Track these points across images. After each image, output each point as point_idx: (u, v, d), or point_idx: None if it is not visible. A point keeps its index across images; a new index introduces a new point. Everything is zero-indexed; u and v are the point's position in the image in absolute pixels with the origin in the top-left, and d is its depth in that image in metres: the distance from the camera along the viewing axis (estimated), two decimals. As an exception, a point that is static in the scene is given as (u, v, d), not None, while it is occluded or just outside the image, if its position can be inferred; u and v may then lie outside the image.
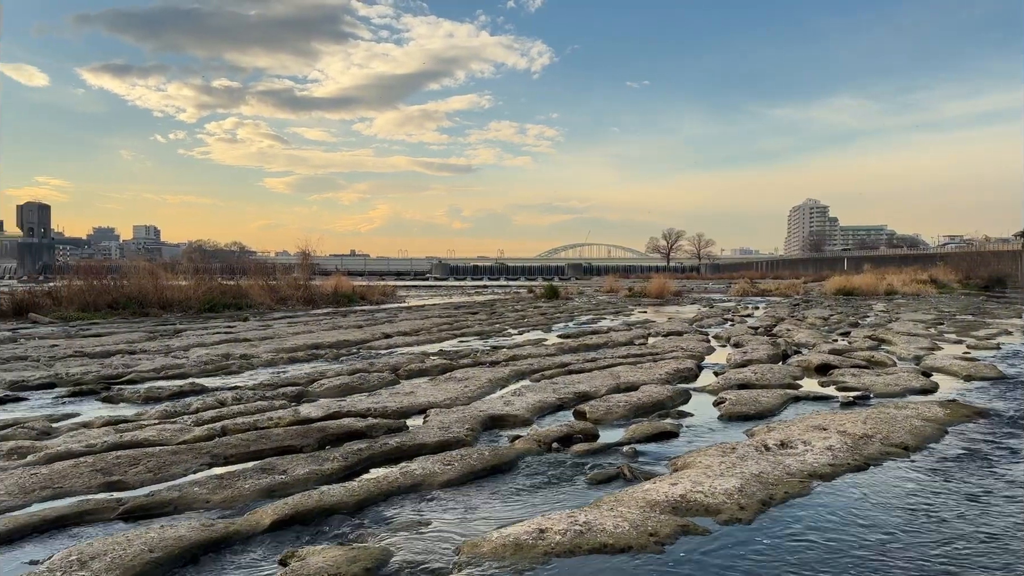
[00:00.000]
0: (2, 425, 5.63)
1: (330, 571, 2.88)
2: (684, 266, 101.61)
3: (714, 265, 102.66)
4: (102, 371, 8.39)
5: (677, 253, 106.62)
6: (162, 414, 5.96)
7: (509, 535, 3.25)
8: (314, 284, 26.15)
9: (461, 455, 4.61)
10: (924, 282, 33.65)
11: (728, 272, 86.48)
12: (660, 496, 3.82)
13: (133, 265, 23.48)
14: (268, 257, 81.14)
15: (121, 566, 2.90)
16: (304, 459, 4.56)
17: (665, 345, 11.00)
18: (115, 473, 4.24)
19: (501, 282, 69.91)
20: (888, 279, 32.78)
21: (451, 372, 8.25)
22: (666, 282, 30.97)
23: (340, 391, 7.16)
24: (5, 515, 3.60)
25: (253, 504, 3.83)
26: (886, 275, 35.18)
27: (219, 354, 10.02)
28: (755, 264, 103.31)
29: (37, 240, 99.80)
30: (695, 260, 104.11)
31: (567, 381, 7.51)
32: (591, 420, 5.84)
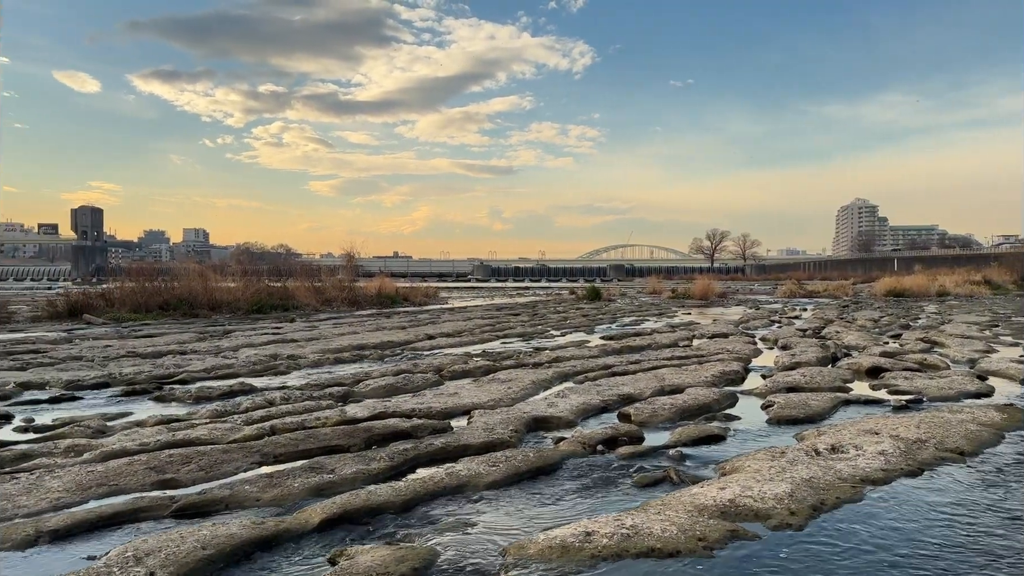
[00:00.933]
0: (59, 423, 5.80)
1: (378, 570, 2.90)
2: (728, 267, 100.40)
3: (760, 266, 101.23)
4: (154, 371, 8.60)
5: (721, 254, 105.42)
6: (213, 413, 6.08)
7: (555, 537, 3.24)
8: (358, 285, 26.44)
9: (506, 456, 4.61)
10: (977, 283, 32.74)
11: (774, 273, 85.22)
12: (708, 500, 3.77)
13: (183, 267, 24.01)
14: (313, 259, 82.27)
15: (175, 562, 2.96)
16: (351, 459, 4.60)
17: (710, 347, 10.88)
18: (168, 471, 4.33)
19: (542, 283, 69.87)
20: (940, 280, 31.96)
21: (494, 373, 8.27)
22: (710, 283, 30.62)
23: (385, 391, 7.23)
24: (63, 511, 3.70)
25: (302, 503, 3.88)
26: (938, 276, 34.30)
27: (267, 354, 10.19)
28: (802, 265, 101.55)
29: (90, 243, 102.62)
30: (740, 261, 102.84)
31: (611, 383, 7.47)
32: (636, 423, 5.79)
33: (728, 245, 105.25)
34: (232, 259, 52.32)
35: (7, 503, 3.78)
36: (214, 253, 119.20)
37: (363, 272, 37.12)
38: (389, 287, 27.70)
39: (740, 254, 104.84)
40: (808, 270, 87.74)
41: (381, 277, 30.57)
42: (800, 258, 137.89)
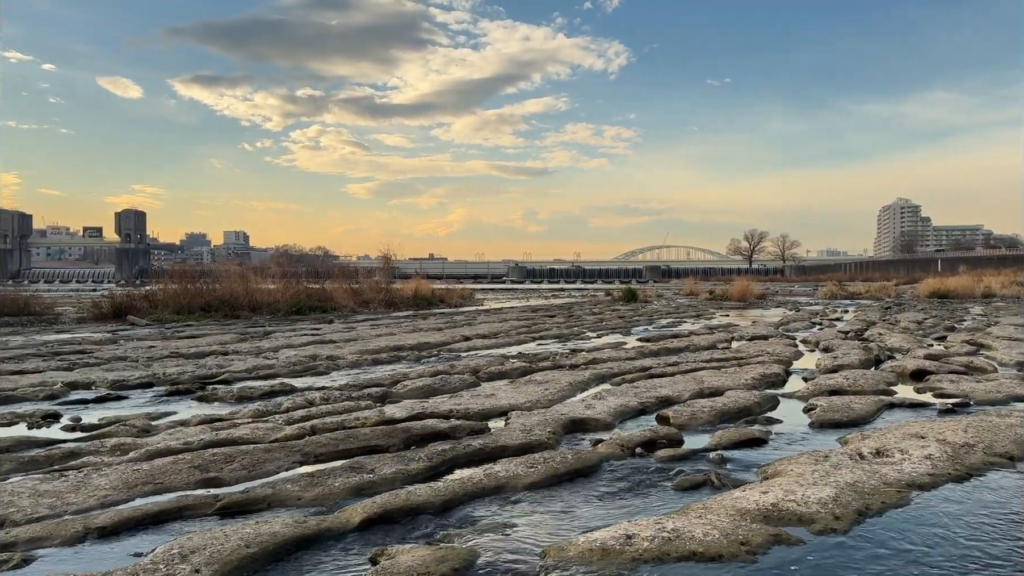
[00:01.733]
0: (106, 423, 5.93)
1: (419, 570, 2.91)
2: (767, 268, 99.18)
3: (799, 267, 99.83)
4: (197, 371, 8.75)
5: (760, 255, 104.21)
6: (254, 413, 6.17)
7: (596, 540, 3.22)
8: (395, 287, 26.65)
9: (544, 458, 4.60)
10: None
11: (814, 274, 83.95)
12: (750, 504, 3.72)
13: (224, 269, 24.40)
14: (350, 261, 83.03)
15: (219, 560, 3.00)
16: (390, 459, 4.63)
17: (750, 349, 10.75)
18: (211, 470, 4.40)
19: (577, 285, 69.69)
20: (985, 281, 31.19)
21: (531, 375, 8.26)
22: (749, 284, 30.27)
23: (423, 392, 7.26)
24: (110, 509, 3.78)
25: (343, 502, 3.91)
26: (983, 277, 33.50)
27: (307, 355, 10.31)
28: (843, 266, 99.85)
29: (134, 245, 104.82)
30: (779, 262, 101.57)
31: (648, 385, 7.42)
32: (675, 425, 5.74)
33: (767, 246, 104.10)
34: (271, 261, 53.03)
35: (56, 500, 3.87)
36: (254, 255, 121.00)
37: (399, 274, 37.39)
38: (425, 289, 27.86)
39: (779, 255, 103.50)
40: (849, 271, 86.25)
41: (417, 279, 30.75)
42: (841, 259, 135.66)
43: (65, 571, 2.98)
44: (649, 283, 64.68)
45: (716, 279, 64.03)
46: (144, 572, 2.88)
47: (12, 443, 5.19)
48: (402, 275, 38.99)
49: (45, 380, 7.96)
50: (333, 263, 61.82)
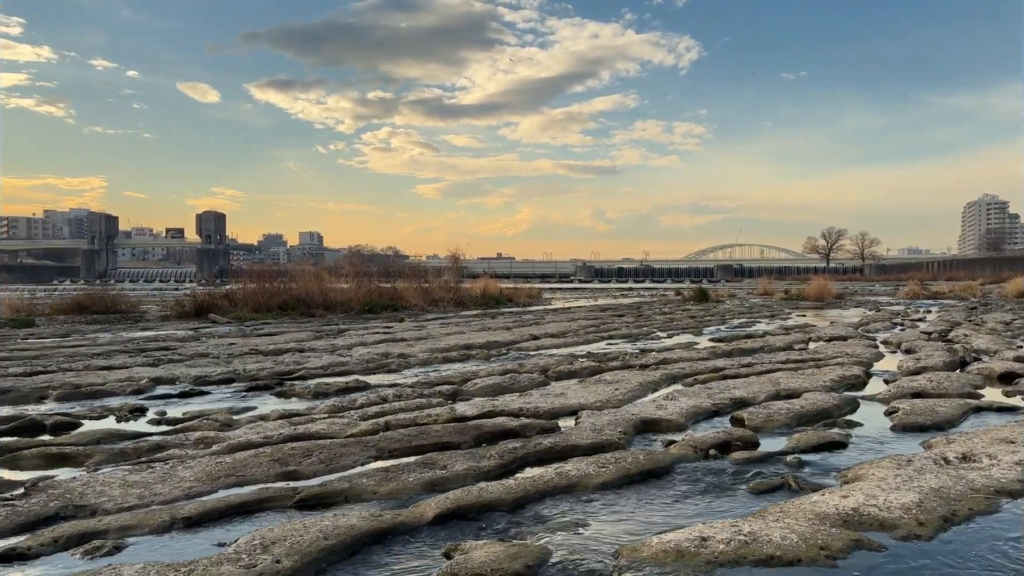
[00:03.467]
0: (190, 417, 6.16)
1: (492, 566, 2.93)
2: (845, 267, 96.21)
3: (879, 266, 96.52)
4: (275, 368, 9.00)
5: (837, 253, 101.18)
6: (330, 409, 6.31)
7: (670, 541, 3.19)
8: (463, 286, 26.89)
9: (615, 458, 4.57)
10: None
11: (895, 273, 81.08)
12: (830, 508, 3.62)
13: (299, 269, 25.05)
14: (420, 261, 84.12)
15: (299, 551, 3.09)
16: (462, 456, 4.67)
17: (828, 350, 10.45)
18: (290, 463, 4.52)
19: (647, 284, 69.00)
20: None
21: (600, 374, 8.21)
22: (826, 284, 29.41)
23: (492, 391, 7.31)
24: (195, 500, 3.92)
25: (416, 497, 3.96)
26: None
27: (379, 353, 10.49)
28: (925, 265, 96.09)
29: (214, 246, 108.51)
30: (858, 261, 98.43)
31: (722, 386, 7.29)
32: (750, 427, 5.62)
33: (845, 244, 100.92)
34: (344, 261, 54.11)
35: (144, 491, 4.04)
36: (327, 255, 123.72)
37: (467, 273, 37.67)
38: (493, 288, 28.02)
39: (858, 253, 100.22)
40: (932, 270, 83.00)
41: (485, 278, 30.96)
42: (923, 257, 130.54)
43: (154, 559, 3.10)
44: (721, 282, 63.52)
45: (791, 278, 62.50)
46: (228, 562, 2.98)
47: (102, 436, 5.44)
48: (470, 274, 39.28)
49: (132, 376, 8.31)
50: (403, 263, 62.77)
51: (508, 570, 2.92)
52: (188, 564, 2.96)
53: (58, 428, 5.79)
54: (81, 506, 3.79)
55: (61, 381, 7.86)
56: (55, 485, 4.10)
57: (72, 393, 7.28)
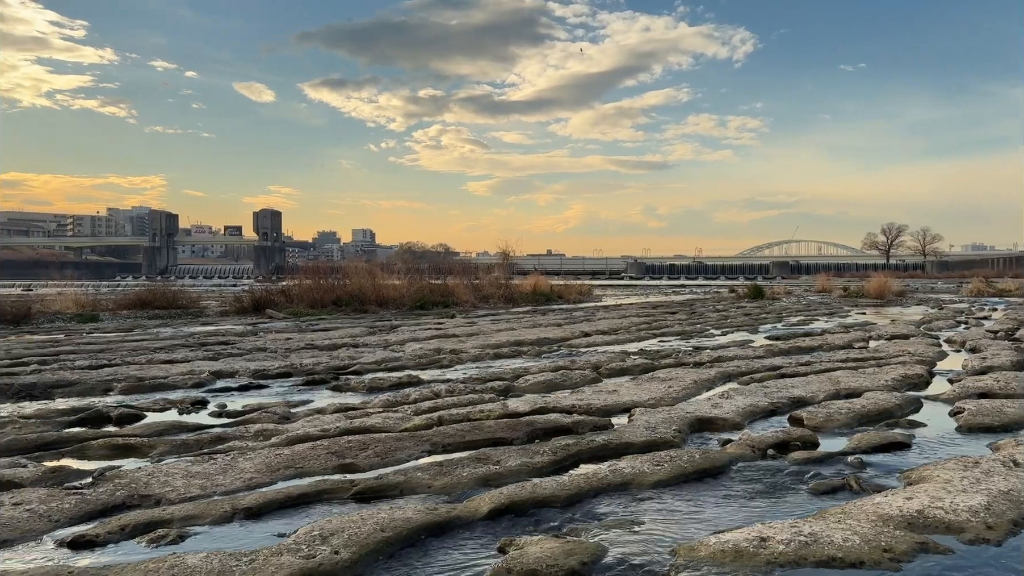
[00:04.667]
0: (249, 409, 6.29)
1: (547, 562, 2.92)
2: (906, 264, 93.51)
3: (942, 263, 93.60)
4: (331, 362, 9.14)
5: (898, 250, 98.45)
6: (385, 403, 6.38)
7: (728, 541, 3.14)
8: (513, 283, 26.93)
9: (670, 456, 4.52)
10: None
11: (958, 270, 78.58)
12: (893, 510, 3.52)
13: (353, 266, 25.40)
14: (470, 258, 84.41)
15: (357, 543, 3.13)
16: (515, 451, 4.68)
17: (889, 349, 10.17)
18: (347, 456, 4.59)
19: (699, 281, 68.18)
20: None
21: (653, 372, 8.14)
22: (887, 281, 28.65)
23: (544, 387, 7.30)
24: (255, 491, 4.01)
25: (470, 492, 3.98)
26: None
27: (431, 349, 10.57)
28: (990, 262, 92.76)
29: (270, 243, 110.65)
30: (919, 257, 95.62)
31: (779, 385, 7.15)
32: (809, 427, 5.51)
33: (905, 240, 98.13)
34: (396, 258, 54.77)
35: (206, 481, 4.14)
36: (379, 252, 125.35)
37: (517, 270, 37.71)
38: (544, 285, 28.00)
39: (919, 250, 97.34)
40: (998, 267, 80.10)
41: (535, 275, 30.96)
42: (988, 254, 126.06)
43: (216, 548, 3.17)
44: (776, 279, 62.39)
45: (850, 275, 61.08)
46: (287, 552, 3.03)
47: (165, 427, 5.60)
48: (520, 271, 39.33)
49: (193, 369, 8.53)
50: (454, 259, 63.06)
51: (563, 566, 2.91)
52: (249, 554, 3.02)
53: (123, 420, 5.98)
54: (146, 495, 3.90)
55: (125, 374, 8.11)
56: (121, 475, 4.23)
57: (136, 386, 7.50)
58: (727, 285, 45.80)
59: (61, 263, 67.96)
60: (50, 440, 5.13)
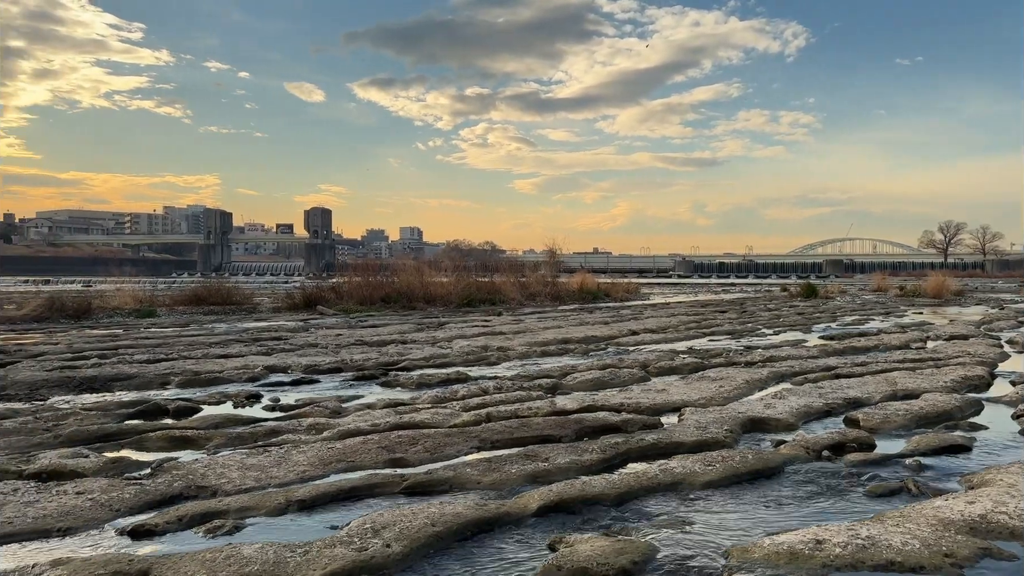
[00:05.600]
0: (301, 403, 6.39)
1: (598, 560, 2.91)
2: (965, 263, 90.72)
3: (1002, 262, 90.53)
4: (380, 358, 9.24)
5: (956, 248, 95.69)
6: (433, 399, 6.43)
7: (783, 543, 3.08)
8: (560, 281, 26.87)
9: (722, 456, 4.46)
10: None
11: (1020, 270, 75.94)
12: (954, 514, 3.42)
13: (401, 263, 25.65)
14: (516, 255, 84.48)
15: (408, 536, 3.15)
16: (563, 449, 4.67)
17: (948, 350, 9.88)
18: (397, 451, 4.63)
19: (749, 280, 67.17)
20: None
21: (703, 371, 8.04)
22: (945, 280, 27.82)
23: (592, 385, 7.27)
24: (308, 483, 4.07)
25: (519, 488, 3.98)
26: None
27: (478, 346, 10.61)
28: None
29: (320, 241, 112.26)
30: (978, 256, 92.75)
31: (834, 386, 7.00)
32: (865, 428, 5.38)
33: (964, 239, 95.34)
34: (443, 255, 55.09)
35: (261, 474, 4.22)
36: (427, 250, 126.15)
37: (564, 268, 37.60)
38: (590, 283, 27.88)
39: (978, 248, 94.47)
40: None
41: (582, 273, 30.83)
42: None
43: (271, 539, 3.23)
44: (830, 278, 61.11)
45: (906, 274, 59.58)
46: (340, 544, 3.07)
47: (221, 420, 5.72)
48: (567, 269, 39.18)
49: (247, 364, 8.70)
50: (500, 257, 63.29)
51: (614, 565, 2.90)
52: (303, 545, 3.07)
53: (180, 412, 6.12)
54: (203, 487, 3.99)
55: (182, 368, 8.31)
56: (178, 466, 4.34)
57: (192, 379, 7.68)
58: (779, 284, 45.03)
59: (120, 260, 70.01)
60: (110, 432, 5.28)
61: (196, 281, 31.26)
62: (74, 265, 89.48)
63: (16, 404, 6.43)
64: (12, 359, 9.02)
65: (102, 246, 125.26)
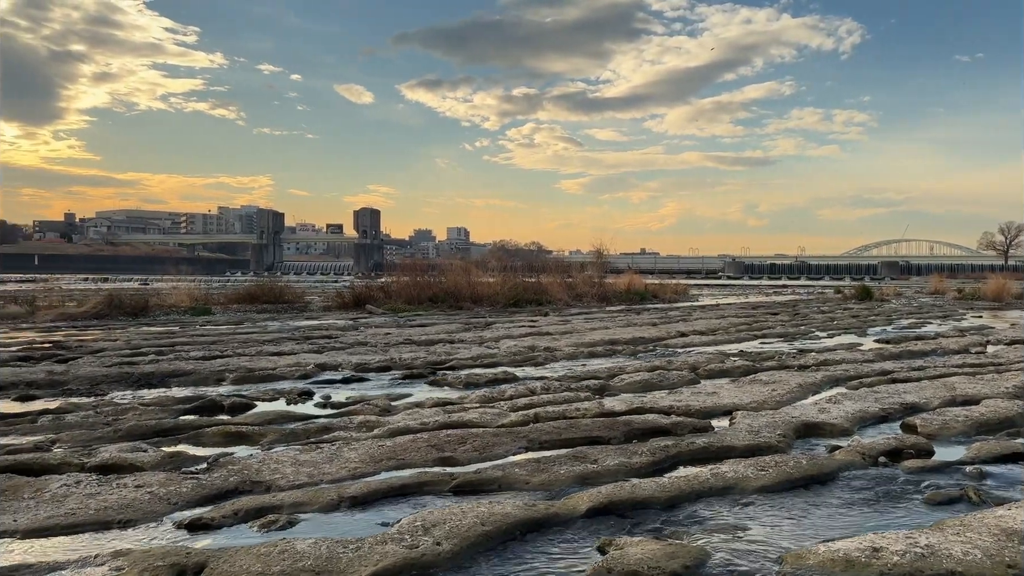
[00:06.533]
0: (352, 401, 6.48)
1: (649, 563, 2.89)
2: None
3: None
4: (428, 357, 9.31)
5: (1018, 250, 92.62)
6: (481, 399, 6.45)
7: (838, 550, 3.02)
8: (607, 281, 26.72)
9: (775, 461, 4.39)
10: None
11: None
12: (1018, 524, 3.31)
13: (448, 263, 25.81)
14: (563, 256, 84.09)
15: (458, 535, 3.17)
16: (612, 451, 4.64)
17: (1010, 355, 9.56)
18: (446, 450, 4.66)
19: (802, 281, 65.97)
20: None
21: (755, 374, 7.92)
22: (1006, 282, 26.93)
23: (640, 387, 7.21)
24: (360, 480, 4.12)
25: (567, 489, 3.98)
26: None
27: (525, 346, 10.62)
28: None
29: (369, 241, 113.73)
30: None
31: (890, 390, 6.83)
32: (923, 434, 5.24)
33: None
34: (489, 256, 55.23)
35: (314, 470, 4.29)
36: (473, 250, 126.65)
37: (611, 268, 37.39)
38: (638, 283, 27.69)
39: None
40: None
41: (629, 273, 30.60)
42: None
43: (324, 535, 3.28)
44: (885, 280, 59.68)
45: (964, 276, 57.82)
46: (392, 541, 3.11)
47: (274, 417, 5.83)
48: (613, 270, 38.94)
49: (299, 361, 8.85)
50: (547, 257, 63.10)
51: (665, 569, 2.87)
52: (356, 541, 3.11)
53: (235, 409, 6.26)
54: (257, 482, 4.07)
55: (236, 365, 8.49)
56: (234, 461, 4.43)
57: (246, 376, 7.85)
58: (832, 286, 44.12)
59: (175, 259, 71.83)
60: (168, 427, 5.42)
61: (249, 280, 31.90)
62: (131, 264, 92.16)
63: (78, 399, 6.65)
64: (74, 355, 9.33)
65: (158, 245, 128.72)
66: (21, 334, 12.43)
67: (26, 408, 6.18)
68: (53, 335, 12.13)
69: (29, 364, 8.57)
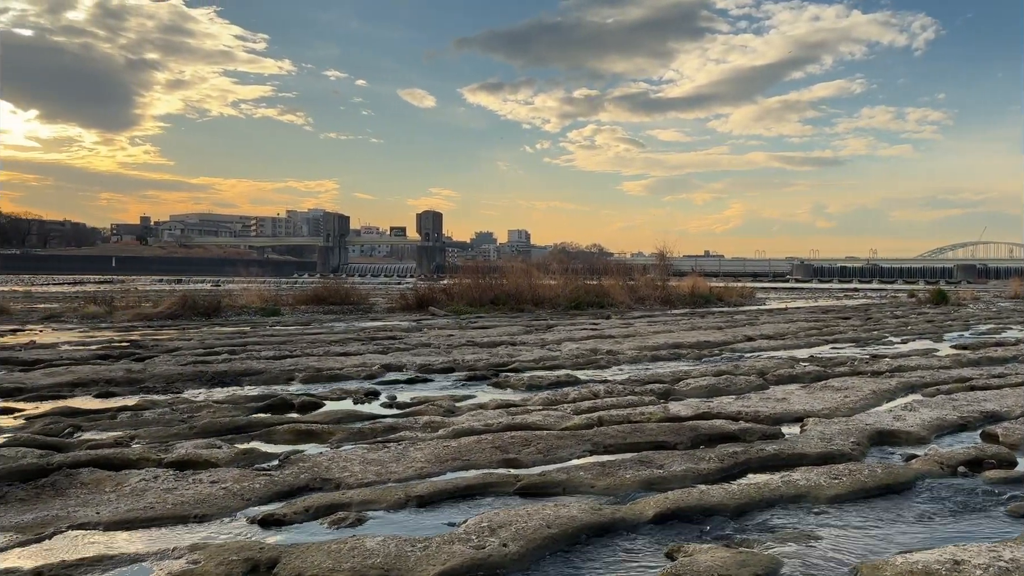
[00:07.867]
0: (417, 402, 6.56)
1: (719, 571, 2.84)
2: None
3: None
4: (490, 359, 9.35)
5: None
6: (544, 401, 6.45)
7: (917, 562, 2.91)
8: (671, 284, 26.38)
9: (849, 470, 4.26)
10: None
11: None
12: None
13: (509, 265, 25.85)
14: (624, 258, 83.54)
15: (524, 537, 3.17)
16: (679, 456, 4.58)
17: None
18: (510, 452, 4.67)
19: (873, 285, 64.08)
20: None
21: (826, 380, 7.72)
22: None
23: (706, 391, 7.10)
24: (426, 480, 4.16)
25: (633, 494, 3.94)
26: None
27: (587, 349, 10.57)
28: None
29: (431, 243, 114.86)
30: None
31: (969, 398, 6.58)
32: (1005, 444, 5.02)
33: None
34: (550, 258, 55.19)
35: (381, 468, 4.35)
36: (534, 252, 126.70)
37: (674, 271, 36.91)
38: (702, 286, 27.27)
39: None
40: None
41: (693, 276, 30.19)
42: None
43: (392, 533, 3.32)
44: (961, 284, 57.45)
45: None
46: (458, 541, 3.13)
47: (342, 416, 5.94)
48: (677, 272, 38.42)
49: (365, 362, 8.99)
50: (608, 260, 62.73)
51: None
52: (423, 540, 3.14)
53: (304, 407, 6.40)
54: (327, 479, 4.15)
55: (305, 365, 8.68)
56: (304, 459, 4.53)
57: (315, 376, 8.01)
58: (906, 289, 42.72)
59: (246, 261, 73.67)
60: (240, 424, 5.57)
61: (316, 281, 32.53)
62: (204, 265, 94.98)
63: (154, 396, 6.89)
64: (150, 353, 9.67)
65: (229, 248, 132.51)
66: (100, 333, 12.95)
67: (106, 404, 6.43)
68: (130, 334, 12.61)
69: (108, 362, 8.92)
